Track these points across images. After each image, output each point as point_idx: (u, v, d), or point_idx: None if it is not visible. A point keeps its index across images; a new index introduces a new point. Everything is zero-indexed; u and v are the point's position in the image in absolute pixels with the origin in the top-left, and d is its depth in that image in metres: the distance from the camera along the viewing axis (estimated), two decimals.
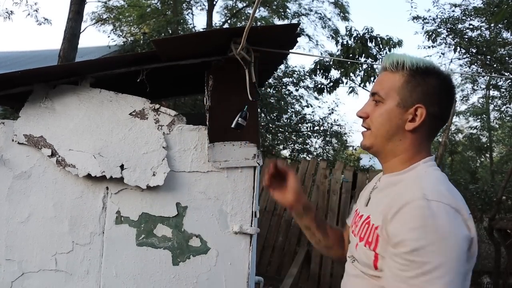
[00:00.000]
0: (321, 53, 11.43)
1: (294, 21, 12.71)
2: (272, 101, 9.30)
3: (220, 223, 1.83)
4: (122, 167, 1.81)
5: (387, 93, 1.06)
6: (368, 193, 1.16)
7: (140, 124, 1.86)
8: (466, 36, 9.82)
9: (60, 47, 6.08)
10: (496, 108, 14.80)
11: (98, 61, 1.83)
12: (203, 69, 1.86)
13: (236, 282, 1.83)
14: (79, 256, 1.81)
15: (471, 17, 9.65)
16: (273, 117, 9.40)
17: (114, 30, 13.46)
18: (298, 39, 1.80)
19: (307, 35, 13.19)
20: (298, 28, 1.69)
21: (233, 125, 1.69)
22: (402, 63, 1.05)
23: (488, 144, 16.91)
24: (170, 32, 10.46)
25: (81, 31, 6.65)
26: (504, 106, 13.45)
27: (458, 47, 9.29)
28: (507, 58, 9.80)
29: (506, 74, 9.26)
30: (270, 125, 9.21)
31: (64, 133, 1.84)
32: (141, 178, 1.81)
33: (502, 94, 12.65)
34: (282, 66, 10.44)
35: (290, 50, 1.95)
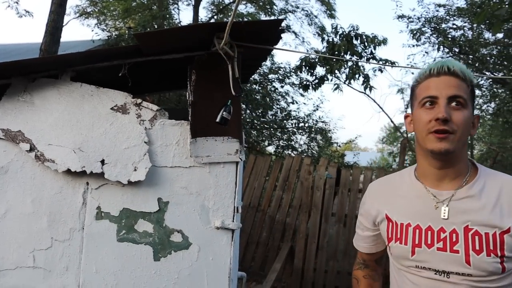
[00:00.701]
0: (307, 50, 11.47)
1: (281, 17, 12.70)
2: (257, 97, 9.29)
3: (202, 218, 1.82)
4: (102, 162, 1.79)
5: (466, 99, 1.10)
6: (428, 205, 1.14)
7: (121, 118, 1.84)
8: (449, 36, 9.99)
9: (42, 41, 5.95)
10: (477, 107, 15.10)
11: (79, 55, 1.79)
12: (187, 64, 1.85)
13: (218, 277, 1.83)
14: (58, 253, 1.78)
15: (455, 17, 9.81)
16: (258, 113, 9.40)
17: (98, 24, 13.22)
18: (284, 35, 1.81)
19: (293, 32, 13.20)
20: (282, 24, 1.69)
21: (217, 119, 1.68)
22: (468, 77, 1.13)
23: (470, 142, 17.25)
24: (156, 27, 10.35)
25: (64, 24, 6.52)
26: (485, 105, 13.73)
27: (441, 46, 9.44)
28: (488, 58, 10.00)
29: (487, 73, 9.46)
30: (255, 122, 9.20)
31: (43, 127, 1.81)
32: (122, 173, 1.79)
33: (483, 93, 12.91)
34: (268, 63, 10.44)
35: (274, 46, 1.94)
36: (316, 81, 7.24)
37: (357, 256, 1.42)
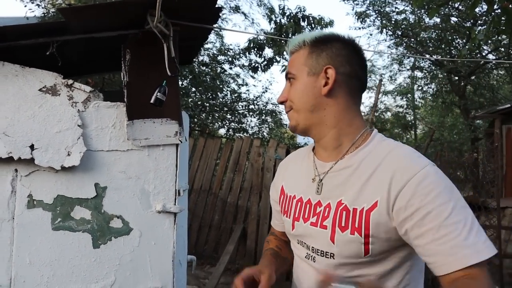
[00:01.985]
0: (257, 32, 11.42)
1: None
2: (207, 79, 9.16)
3: (142, 202, 1.78)
4: (32, 147, 1.68)
5: (297, 69, 1.07)
6: (310, 179, 1.09)
7: (51, 100, 1.73)
8: (392, 19, 10.36)
9: None
10: (419, 88, 15.91)
11: (1, 30, 1.65)
12: (121, 43, 1.76)
13: (162, 262, 1.81)
14: None
15: (397, 1, 10.18)
16: (208, 96, 9.29)
17: None
18: (233, 16, 1.82)
19: (242, 13, 13.08)
20: (228, 4, 1.65)
21: (152, 101, 1.62)
22: (303, 40, 1.07)
23: (413, 122, 18.19)
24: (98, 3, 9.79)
25: None
26: (426, 86, 14.50)
27: (384, 29, 9.78)
28: (428, 41, 10.51)
29: (426, 56, 9.95)
30: (205, 104, 9.09)
31: None
32: (55, 159, 1.69)
33: (424, 75, 13.62)
34: (217, 44, 10.28)
35: (214, 26, 1.90)
36: (265, 62, 7.25)
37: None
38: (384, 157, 0.98)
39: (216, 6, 1.64)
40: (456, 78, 10.93)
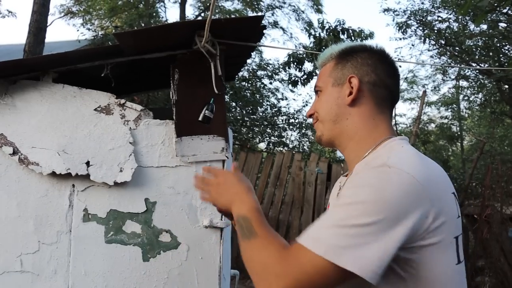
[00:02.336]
0: (295, 46, 11.47)
1: (268, 13, 12.69)
2: (247, 94, 9.28)
3: (190, 217, 1.82)
4: (88, 163, 1.78)
5: (323, 81, 1.08)
6: (337, 192, 1.12)
7: (105, 119, 1.83)
8: (435, 28, 10.07)
9: (25, 41, 5.87)
10: (465, 98, 15.26)
11: (60, 56, 1.77)
12: (171, 63, 1.84)
13: (208, 276, 1.83)
14: (46, 256, 1.77)
15: (440, 9, 9.89)
16: (248, 110, 9.40)
17: (84, 23, 13.07)
18: (272, 31, 1.85)
19: (281, 27, 13.19)
20: (267, 21, 1.69)
21: (200, 118, 1.67)
22: (330, 54, 1.08)
23: (459, 133, 17.43)
24: (143, 25, 10.26)
25: (48, 24, 6.44)
26: (473, 96, 13.88)
27: (427, 39, 9.51)
28: (474, 49, 10.10)
29: (473, 64, 9.56)
30: (246, 119, 9.20)
31: (26, 130, 1.78)
32: (108, 175, 1.78)
33: (470, 84, 13.05)
34: (256, 59, 10.42)
35: (258, 43, 1.94)
36: (305, 76, 7.25)
37: None
38: (376, 155, 0.96)
39: (261, 25, 1.68)
40: (506, 86, 10.40)
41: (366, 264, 0.78)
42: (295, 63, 6.98)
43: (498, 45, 9.78)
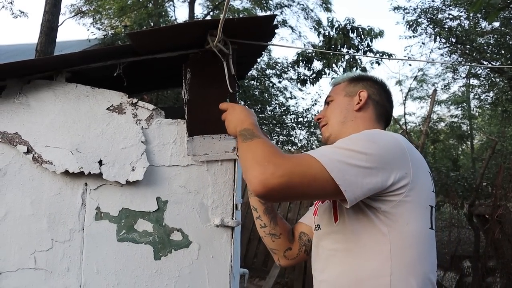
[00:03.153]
0: (304, 44, 11.44)
1: (277, 12, 12.66)
2: (255, 93, 9.29)
3: (201, 216, 1.82)
4: (100, 162, 1.79)
5: (336, 93, 1.36)
6: None
7: (118, 119, 1.84)
8: (446, 26, 9.96)
9: (37, 41, 5.94)
10: (476, 97, 15.09)
11: (74, 55, 1.79)
12: (182, 62, 1.84)
13: (219, 275, 1.84)
14: (59, 254, 1.79)
15: (451, 7, 9.79)
16: (257, 109, 9.40)
17: (94, 23, 13.18)
18: (280, 30, 1.87)
19: (290, 26, 13.19)
20: (276, 20, 1.69)
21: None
22: (344, 77, 1.39)
23: (469, 132, 17.26)
24: (152, 24, 10.31)
25: (59, 24, 6.49)
26: (484, 95, 13.72)
27: (438, 37, 9.42)
28: (485, 47, 9.98)
29: (484, 63, 9.45)
30: None
31: (40, 129, 1.80)
32: (120, 173, 1.79)
33: (481, 83, 12.90)
34: (265, 58, 10.43)
35: (269, 42, 1.94)
36: (314, 75, 7.23)
37: None
38: None
39: (273, 24, 1.67)
40: None
41: (353, 188, 0.94)
42: (304, 62, 6.96)
43: (511, 43, 9.65)
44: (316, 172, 0.93)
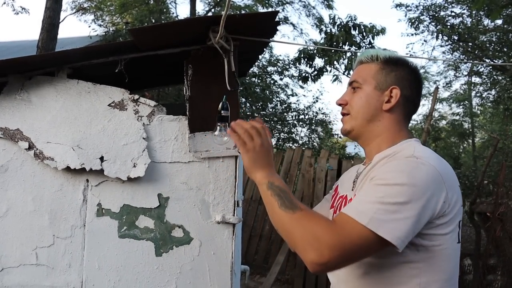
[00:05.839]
0: (306, 42, 11.42)
1: (279, 9, 12.63)
2: (257, 90, 9.27)
3: (203, 213, 1.82)
4: (102, 159, 1.79)
5: (365, 79, 1.18)
6: (353, 179, 1.22)
7: (119, 115, 1.84)
8: (448, 23, 9.93)
9: (39, 38, 5.93)
10: (477, 95, 15.04)
11: (75, 52, 1.79)
12: (184, 59, 1.84)
13: (220, 271, 1.84)
14: (61, 250, 1.79)
15: (453, 4, 9.75)
16: (258, 106, 9.39)
17: (95, 19, 13.16)
18: (282, 27, 1.85)
19: (291, 23, 13.15)
20: (278, 16, 1.68)
21: (217, 120, 1.61)
22: (376, 55, 1.19)
23: (470, 130, 17.22)
24: (153, 21, 10.30)
25: (60, 20, 6.49)
26: (485, 92, 13.68)
27: (440, 34, 9.39)
28: (487, 45, 9.95)
29: (486, 60, 9.42)
30: (255, 115, 9.19)
31: (41, 125, 1.80)
32: (122, 170, 1.79)
33: (483, 81, 12.87)
34: (266, 55, 10.40)
35: (271, 39, 1.93)
36: (315, 72, 7.22)
37: None
38: (382, 159, 1.11)
39: (275, 20, 1.67)
40: None
41: (399, 235, 0.94)
42: (306, 59, 6.94)
43: None
44: (363, 236, 0.94)
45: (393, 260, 1.02)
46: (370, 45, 6.72)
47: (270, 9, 12.89)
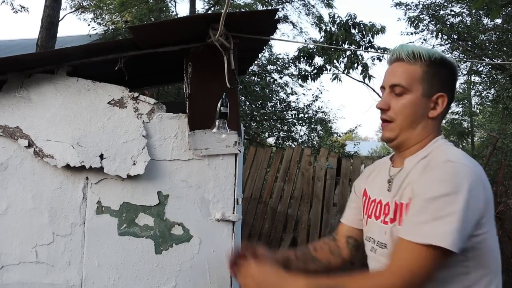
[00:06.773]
0: (305, 40, 11.41)
1: (277, 7, 12.59)
2: (256, 89, 9.26)
3: (202, 211, 1.83)
4: (101, 156, 1.79)
5: (411, 85, 1.09)
6: (385, 182, 1.18)
7: (119, 113, 1.84)
8: (447, 22, 9.92)
9: (38, 36, 5.92)
10: (477, 94, 15.04)
11: (75, 49, 1.78)
12: (183, 57, 1.84)
13: (220, 269, 1.84)
14: (60, 248, 1.79)
15: (453, 3, 9.74)
16: (257, 105, 9.38)
17: (94, 18, 13.14)
18: (282, 26, 1.83)
19: (291, 22, 13.11)
20: (277, 15, 1.68)
21: (216, 116, 1.63)
22: (419, 55, 1.09)
23: (470, 129, 17.21)
24: (153, 20, 10.27)
25: (59, 19, 6.48)
26: (485, 92, 13.68)
27: (439, 33, 9.38)
28: (487, 44, 9.95)
29: (486, 59, 9.42)
30: (255, 113, 9.19)
31: (41, 123, 1.80)
32: (121, 168, 1.79)
33: (483, 80, 12.86)
34: (266, 54, 10.38)
35: (271, 37, 1.93)
36: (315, 71, 7.21)
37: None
38: (422, 162, 1.08)
39: (274, 18, 1.67)
40: None
41: (457, 242, 0.95)
42: (305, 58, 6.94)
43: None
44: (423, 257, 0.96)
45: (444, 263, 1.02)
46: (370, 44, 6.71)
47: (269, 8, 12.87)
